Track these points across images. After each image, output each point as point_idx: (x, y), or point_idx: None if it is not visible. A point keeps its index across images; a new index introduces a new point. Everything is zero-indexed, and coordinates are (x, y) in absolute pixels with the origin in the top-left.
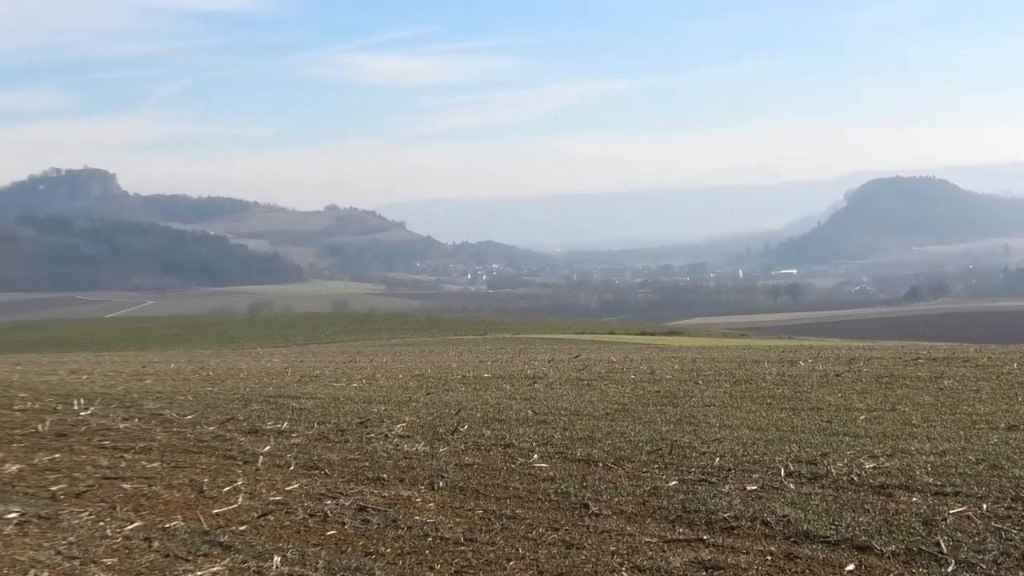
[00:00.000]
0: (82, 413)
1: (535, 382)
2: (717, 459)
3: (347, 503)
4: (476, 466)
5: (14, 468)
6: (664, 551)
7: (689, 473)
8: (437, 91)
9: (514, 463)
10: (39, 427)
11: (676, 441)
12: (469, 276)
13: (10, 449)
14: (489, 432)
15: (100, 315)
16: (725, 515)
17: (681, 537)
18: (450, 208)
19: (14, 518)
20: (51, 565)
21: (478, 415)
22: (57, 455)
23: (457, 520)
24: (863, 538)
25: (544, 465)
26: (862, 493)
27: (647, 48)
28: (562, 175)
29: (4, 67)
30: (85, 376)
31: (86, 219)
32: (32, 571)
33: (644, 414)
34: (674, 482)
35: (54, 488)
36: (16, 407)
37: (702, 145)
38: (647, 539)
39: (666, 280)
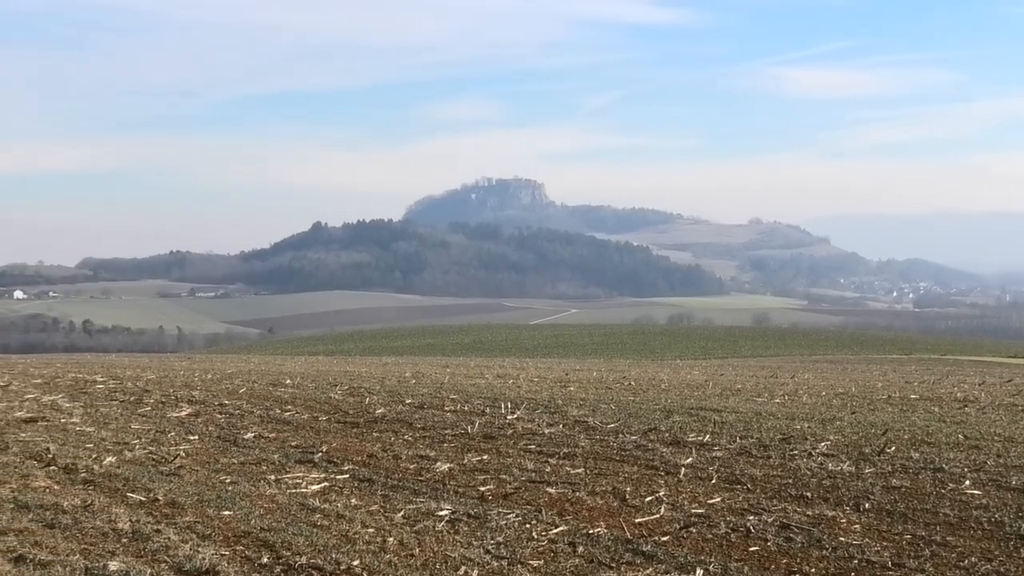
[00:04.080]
0: (509, 417)
1: (965, 405)
2: None
3: (770, 519)
4: (904, 489)
5: (445, 467)
6: None
7: None
8: (868, 105)
9: (944, 488)
10: (468, 428)
11: None
12: (894, 294)
13: (441, 448)
14: (917, 455)
15: (525, 321)
16: None
17: None
18: (877, 224)
19: (446, 515)
20: (480, 563)
21: (905, 436)
22: (485, 456)
23: (884, 544)
24: None
25: (977, 492)
26: None
27: None
28: (997, 192)
29: (445, 79)
30: (511, 381)
31: (514, 227)
32: (463, 568)
33: None
34: None
35: (483, 488)
36: (447, 408)
37: None
38: None
39: None
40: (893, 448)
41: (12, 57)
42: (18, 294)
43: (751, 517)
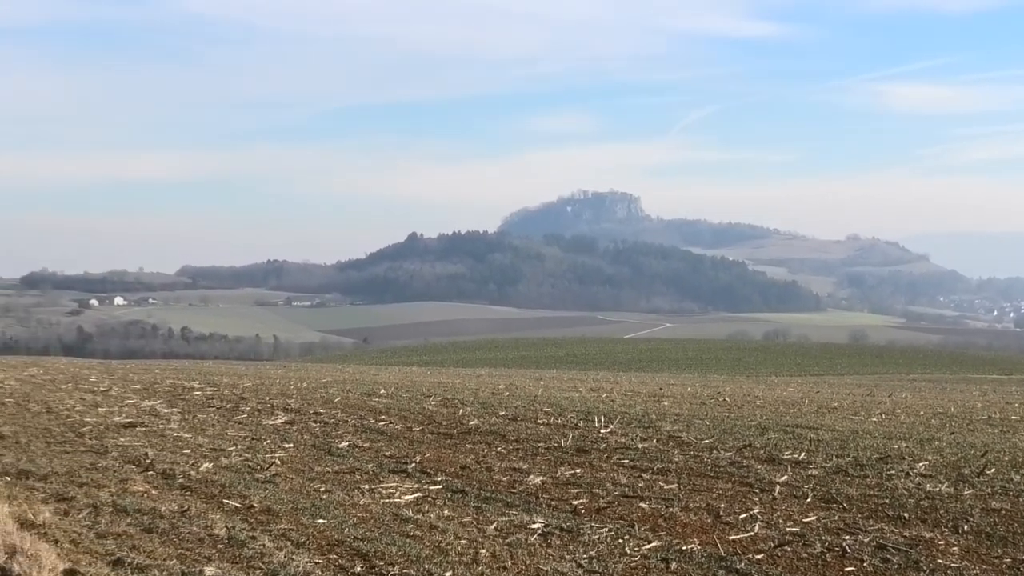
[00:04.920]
0: (602, 431)
1: None
2: None
3: (866, 540)
4: (1004, 512)
5: (538, 480)
6: None
7: None
8: (970, 121)
9: None
10: (561, 441)
11: None
12: (995, 313)
13: (535, 461)
14: (1018, 477)
15: (619, 335)
16: None
17: None
18: (977, 241)
19: (538, 528)
20: None
21: (1006, 458)
22: (578, 470)
23: (983, 567)
24: None
25: None
26: None
27: None
28: None
29: (542, 91)
30: (604, 394)
31: (609, 240)
32: None
33: None
34: None
35: (575, 502)
36: (540, 421)
37: None
38: None
39: None
40: (993, 470)
41: (118, 68)
42: (119, 300)
43: (847, 537)
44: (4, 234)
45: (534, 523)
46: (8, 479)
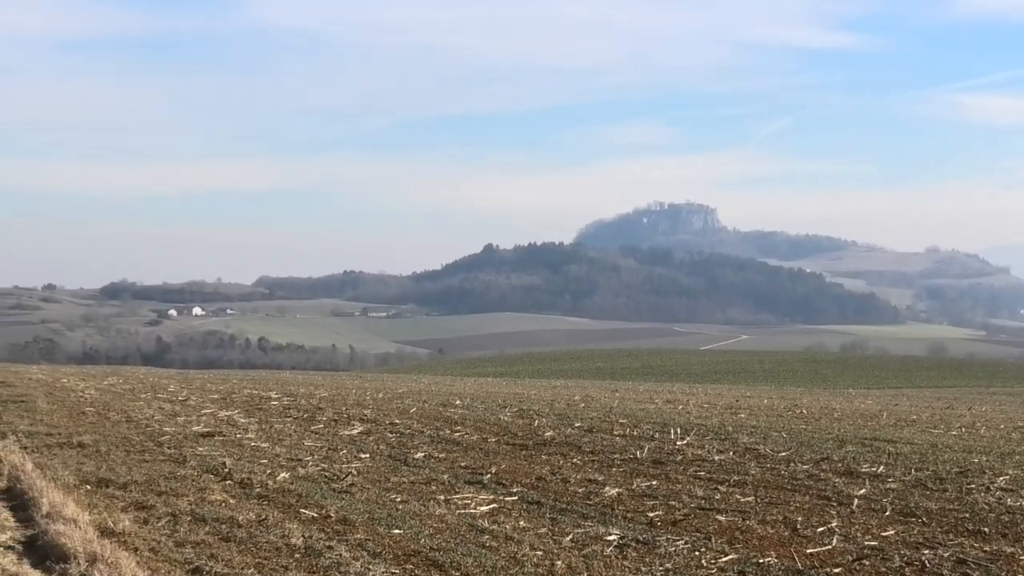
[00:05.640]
0: (678, 443)
1: None
2: None
3: (946, 554)
4: None
5: (614, 492)
6: None
7: None
8: None
9: None
10: (637, 453)
11: None
12: None
13: (610, 473)
14: None
15: (695, 347)
16: None
17: None
18: None
19: (614, 540)
20: None
21: None
22: (654, 482)
23: None
24: None
25: None
26: None
27: None
28: None
29: (617, 103)
30: (680, 406)
31: (685, 252)
32: None
33: None
34: None
35: (651, 514)
36: (616, 432)
37: None
38: None
39: None
40: None
41: (195, 79)
42: (197, 311)
43: (926, 551)
44: (85, 245)
45: (610, 535)
46: (89, 487)
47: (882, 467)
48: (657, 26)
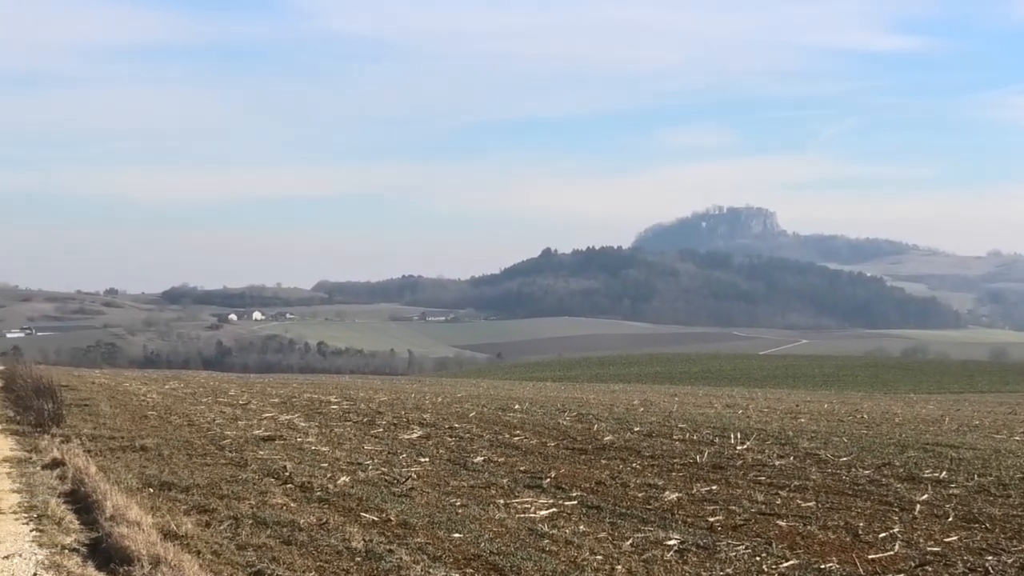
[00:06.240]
0: (738, 447)
1: None
2: None
3: (1010, 561)
4: None
5: (673, 496)
6: None
7: None
8: None
9: None
10: (697, 458)
11: None
12: None
13: (670, 477)
14: None
15: (754, 351)
16: None
17: None
18: None
19: (674, 545)
20: None
21: None
22: (714, 487)
23: None
24: None
25: None
26: None
27: None
28: None
29: (676, 106)
30: (740, 411)
31: (744, 256)
32: None
33: None
34: None
35: (712, 519)
36: (675, 437)
37: None
38: None
39: None
40: None
41: (256, 85)
42: (257, 315)
43: (990, 558)
44: (147, 250)
45: (670, 539)
46: (152, 490)
47: (944, 472)
48: (716, 30)
